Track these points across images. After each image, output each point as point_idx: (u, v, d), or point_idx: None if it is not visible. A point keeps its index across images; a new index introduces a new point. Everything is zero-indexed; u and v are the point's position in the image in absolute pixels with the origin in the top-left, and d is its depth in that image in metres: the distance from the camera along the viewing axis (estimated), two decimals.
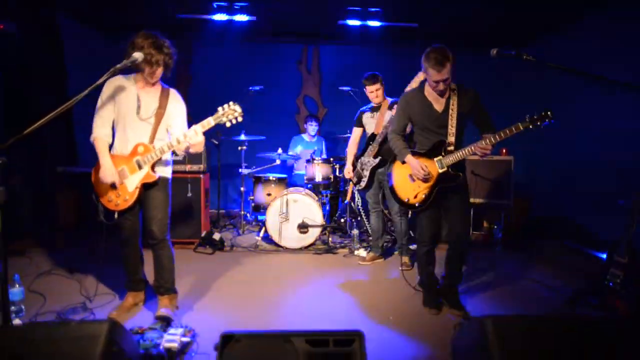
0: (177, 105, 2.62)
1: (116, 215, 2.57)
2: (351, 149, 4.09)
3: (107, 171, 2.47)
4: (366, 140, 3.95)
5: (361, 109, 4.06)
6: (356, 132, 4.07)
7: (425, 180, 2.68)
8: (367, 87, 3.85)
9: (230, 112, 2.38)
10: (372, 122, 3.92)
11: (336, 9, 5.03)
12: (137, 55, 2.34)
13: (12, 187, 4.36)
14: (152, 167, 2.52)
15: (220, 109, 2.39)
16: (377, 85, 3.80)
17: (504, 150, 4.72)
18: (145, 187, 2.56)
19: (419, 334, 2.56)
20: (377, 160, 3.83)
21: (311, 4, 5.03)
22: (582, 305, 2.97)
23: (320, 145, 5.64)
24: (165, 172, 2.65)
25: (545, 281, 3.48)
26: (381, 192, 3.96)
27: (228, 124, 2.39)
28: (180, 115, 2.63)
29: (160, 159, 2.52)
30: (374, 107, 3.92)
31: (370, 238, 4.25)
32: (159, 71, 2.48)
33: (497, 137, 2.46)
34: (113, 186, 2.51)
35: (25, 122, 2.04)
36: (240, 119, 2.40)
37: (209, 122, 2.39)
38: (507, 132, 2.43)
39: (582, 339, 1.65)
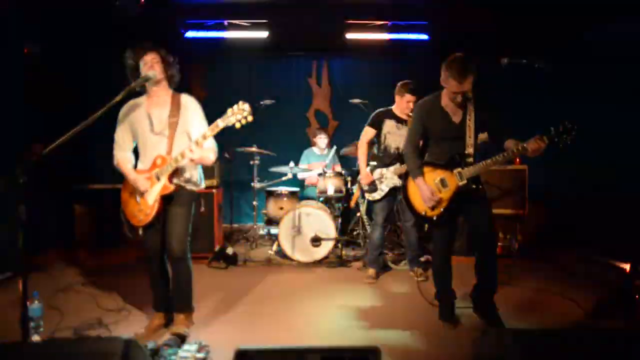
0: (190, 109, 2.56)
1: (140, 231, 2.57)
2: (364, 151, 3.86)
3: (137, 181, 2.48)
4: (388, 153, 3.78)
5: (381, 110, 3.82)
6: (370, 133, 3.82)
7: (436, 203, 2.61)
8: (406, 95, 3.61)
9: (238, 112, 2.26)
10: (397, 135, 3.72)
11: (345, 23, 5.10)
12: (150, 74, 2.40)
13: (37, 203, 4.46)
14: (170, 178, 2.47)
15: (229, 110, 2.28)
16: (415, 98, 3.57)
17: (518, 160, 4.65)
18: (167, 201, 2.53)
19: (437, 349, 2.51)
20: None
21: (320, 18, 5.11)
22: (607, 318, 2.88)
23: (333, 157, 5.63)
24: (190, 185, 2.60)
25: (565, 293, 3.38)
26: (395, 207, 3.87)
27: (237, 125, 2.26)
28: (195, 120, 2.55)
29: (177, 169, 2.47)
30: (399, 118, 3.74)
31: (366, 253, 4.08)
32: (158, 67, 2.46)
33: (546, 138, 2.37)
34: (140, 197, 2.51)
35: (48, 139, 2.10)
36: (250, 118, 2.26)
37: (217, 125, 2.30)
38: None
39: (607, 354, 1.59)
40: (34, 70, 4.41)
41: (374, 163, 3.89)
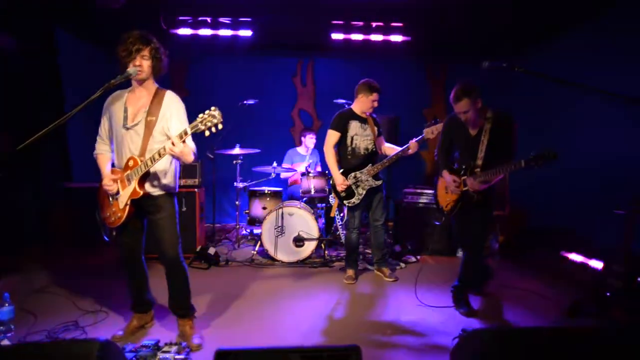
0: (171, 108, 2.42)
1: (113, 233, 2.50)
2: (333, 155, 3.74)
3: (105, 180, 2.42)
4: (357, 155, 3.73)
5: (342, 112, 3.77)
6: (335, 137, 3.71)
7: (455, 192, 3.02)
8: (373, 95, 3.61)
9: (208, 119, 2.10)
10: (363, 135, 3.72)
11: (329, 23, 5.10)
12: (131, 70, 2.33)
13: (15, 202, 4.33)
14: (141, 182, 2.35)
15: (199, 116, 2.13)
16: (378, 96, 3.64)
17: None
18: (148, 210, 2.46)
19: (417, 348, 2.53)
20: (380, 182, 3.73)
21: (305, 18, 5.10)
22: (581, 315, 2.95)
23: (316, 158, 5.64)
24: (166, 188, 2.49)
25: (543, 292, 3.46)
26: (368, 208, 3.86)
27: (207, 133, 2.11)
28: (174, 119, 2.40)
29: (148, 172, 2.34)
30: (361, 117, 3.73)
31: (345, 255, 4.05)
32: (145, 63, 2.35)
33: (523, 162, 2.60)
34: (113, 198, 2.44)
35: (21, 137, 2.03)
36: (220, 127, 2.11)
37: (186, 131, 2.16)
38: (508, 168, 2.67)
39: (581, 350, 1.63)
40: (5, 62, 4.27)
41: (342, 169, 3.78)
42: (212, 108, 2.12)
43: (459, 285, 3.13)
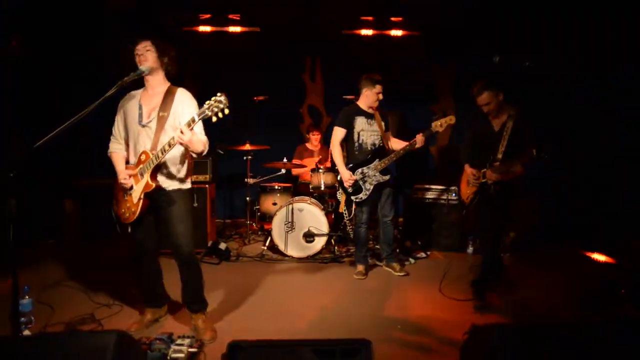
0: (183, 104, 2.46)
1: (129, 229, 2.55)
2: (340, 151, 3.76)
3: (120, 175, 2.47)
4: (364, 150, 3.75)
5: (348, 108, 3.79)
6: (341, 133, 3.75)
7: (474, 184, 3.16)
8: (376, 87, 3.62)
9: (215, 105, 2.13)
10: (369, 130, 3.74)
11: (339, 19, 5.10)
12: (143, 68, 2.38)
13: (27, 197, 4.43)
14: (153, 175, 2.40)
15: (206, 103, 2.17)
16: (382, 88, 3.65)
17: None
18: (161, 205, 2.49)
19: (427, 342, 2.54)
20: (387, 177, 3.73)
21: (315, 13, 5.10)
22: (594, 311, 2.93)
23: (325, 154, 5.64)
24: (178, 184, 2.53)
25: (555, 287, 3.44)
26: (376, 203, 3.87)
27: (214, 118, 2.14)
28: (187, 114, 2.40)
29: (159, 164, 2.38)
30: (367, 113, 3.75)
31: (355, 251, 4.05)
32: (151, 55, 2.39)
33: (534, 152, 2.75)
34: (127, 193, 2.48)
35: (36, 132, 2.08)
36: (227, 112, 2.13)
37: (194, 118, 2.21)
38: (522, 160, 2.85)
39: (594, 346, 1.63)
40: (18, 61, 4.35)
41: (350, 164, 3.81)
42: (218, 94, 2.15)
43: (477, 279, 3.15)
